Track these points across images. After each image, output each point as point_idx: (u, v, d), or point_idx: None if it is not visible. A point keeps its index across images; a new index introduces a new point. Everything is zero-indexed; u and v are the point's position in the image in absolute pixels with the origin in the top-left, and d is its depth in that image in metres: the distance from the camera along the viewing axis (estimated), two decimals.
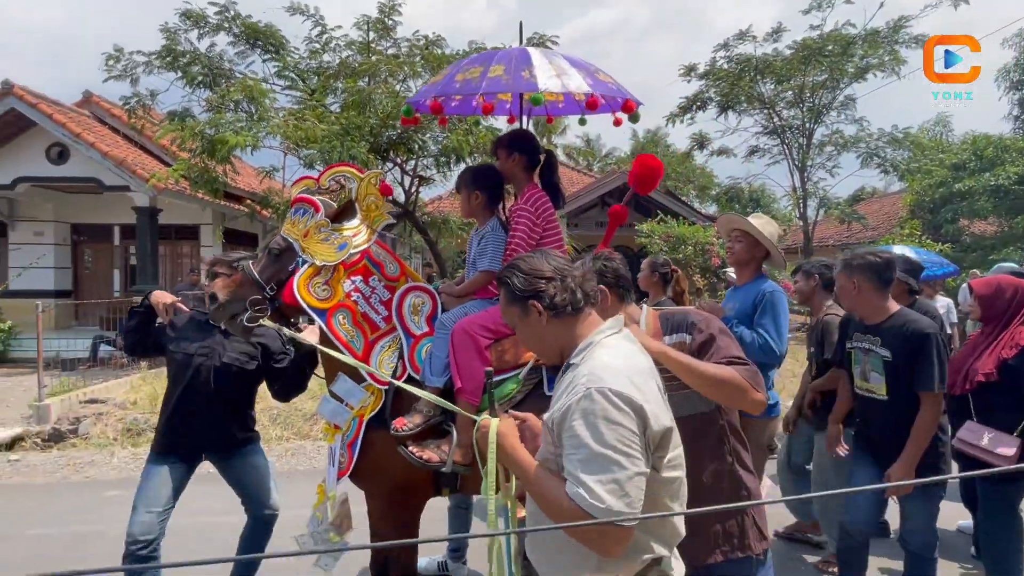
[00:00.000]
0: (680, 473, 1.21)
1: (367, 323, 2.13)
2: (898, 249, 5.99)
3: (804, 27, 12.60)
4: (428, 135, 8.42)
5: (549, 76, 2.18)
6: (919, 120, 19.97)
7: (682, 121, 14.01)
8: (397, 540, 2.17)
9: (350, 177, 2.23)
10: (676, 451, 1.20)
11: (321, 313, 2.07)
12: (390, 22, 8.74)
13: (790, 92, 12.93)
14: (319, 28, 8.58)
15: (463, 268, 3.69)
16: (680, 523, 1.24)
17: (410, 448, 2.00)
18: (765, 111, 13.47)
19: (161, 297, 2.52)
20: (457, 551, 3.09)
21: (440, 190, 11.43)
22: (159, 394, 6.52)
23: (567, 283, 1.25)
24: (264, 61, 8.60)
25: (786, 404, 3.55)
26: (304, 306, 2.06)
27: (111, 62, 8.03)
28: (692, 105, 13.64)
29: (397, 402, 2.08)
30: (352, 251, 2.13)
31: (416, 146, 8.47)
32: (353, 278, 2.14)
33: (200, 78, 8.13)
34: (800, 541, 3.36)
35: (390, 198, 2.44)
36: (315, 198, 2.14)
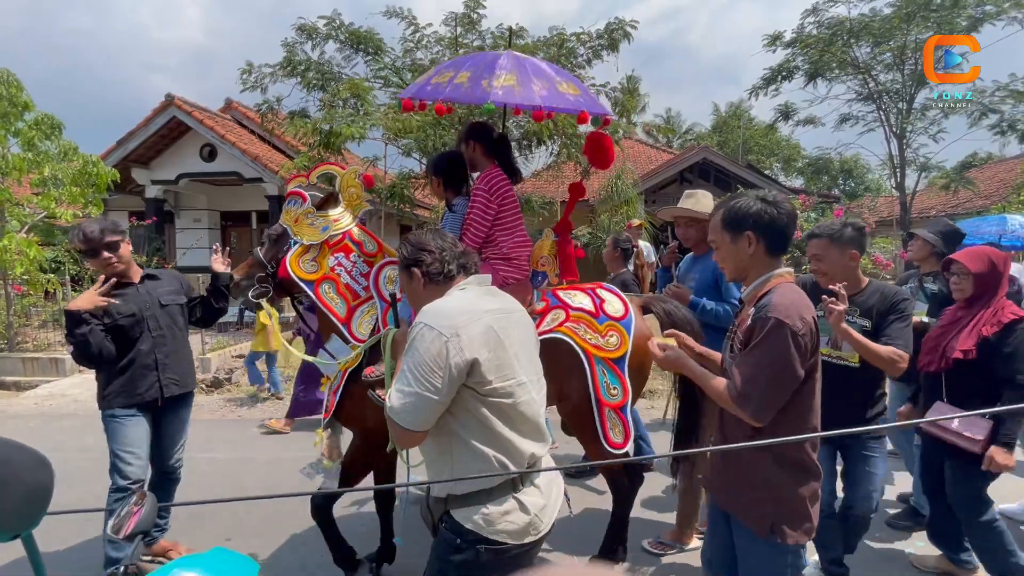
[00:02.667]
0: (511, 401, 1.32)
1: (349, 292, 2.34)
2: (1013, 217, 5.14)
3: None
4: (511, 120, 8.48)
5: (504, 88, 2.19)
6: None
7: (766, 93, 12.87)
8: (361, 471, 2.44)
9: (334, 173, 2.44)
10: (504, 383, 1.30)
11: (309, 284, 2.31)
12: (475, 16, 8.82)
13: (888, 54, 11.38)
14: (412, 28, 8.86)
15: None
16: (525, 443, 1.34)
17: (377, 392, 2.15)
18: (859, 76, 11.98)
19: (84, 302, 2.37)
20: None
21: (523, 172, 11.48)
22: (290, 352, 7.36)
23: (444, 256, 1.45)
24: (366, 62, 9.06)
25: None
26: (295, 278, 2.29)
27: (245, 75, 8.86)
28: (777, 76, 12.45)
29: (372, 357, 2.27)
30: (333, 232, 2.35)
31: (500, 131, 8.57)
32: (336, 255, 2.35)
33: (314, 82, 8.76)
34: None
35: (372, 188, 2.53)
36: (304, 191, 2.38)
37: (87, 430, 4.85)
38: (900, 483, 3.45)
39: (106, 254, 2.45)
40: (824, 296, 2.05)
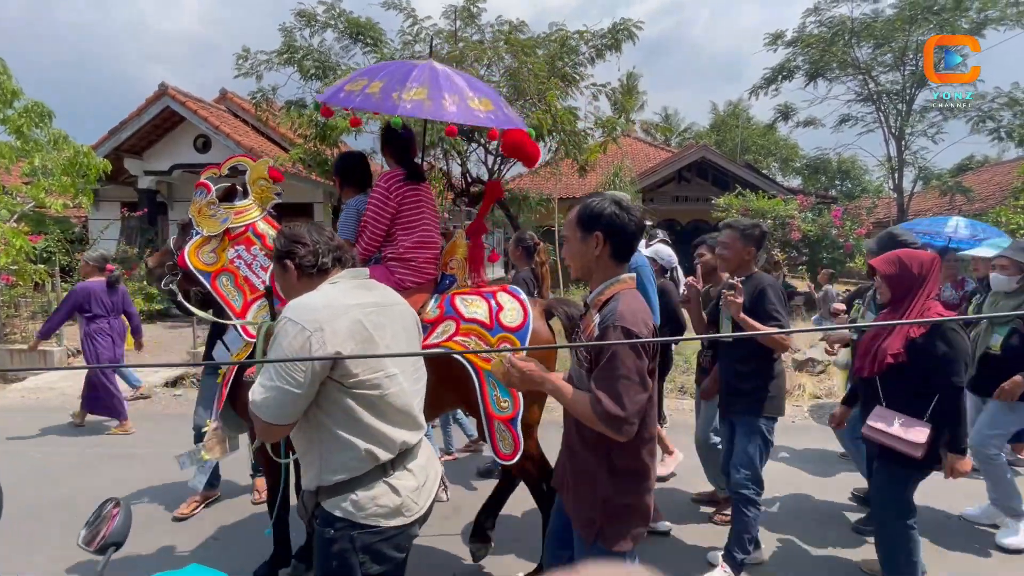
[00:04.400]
0: (378, 392, 1.32)
1: (247, 285, 2.32)
2: (952, 221, 5.22)
3: None
4: None
5: (413, 102, 2.17)
6: None
7: (766, 93, 12.84)
8: (268, 466, 2.45)
9: (245, 165, 2.44)
10: (372, 375, 1.31)
11: (206, 275, 2.30)
12: (475, 9, 8.71)
13: (889, 55, 11.36)
14: (411, 20, 8.74)
15: (541, 241, 3.71)
16: (395, 432, 1.35)
17: None
18: (859, 77, 11.97)
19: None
20: None
21: (520, 168, 11.41)
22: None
23: (318, 249, 1.44)
24: (364, 53, 8.93)
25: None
26: (192, 269, 2.29)
27: (240, 61, 8.72)
28: (778, 75, 12.42)
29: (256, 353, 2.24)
30: (234, 224, 2.34)
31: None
32: (237, 247, 2.34)
33: (312, 71, 8.61)
34: (708, 503, 3.23)
35: (275, 182, 2.57)
36: (212, 183, 2.37)
37: (66, 425, 4.76)
38: (851, 483, 3.48)
39: None
40: (724, 290, 2.37)
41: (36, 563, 2.65)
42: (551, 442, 2.17)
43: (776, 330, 2.34)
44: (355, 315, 1.33)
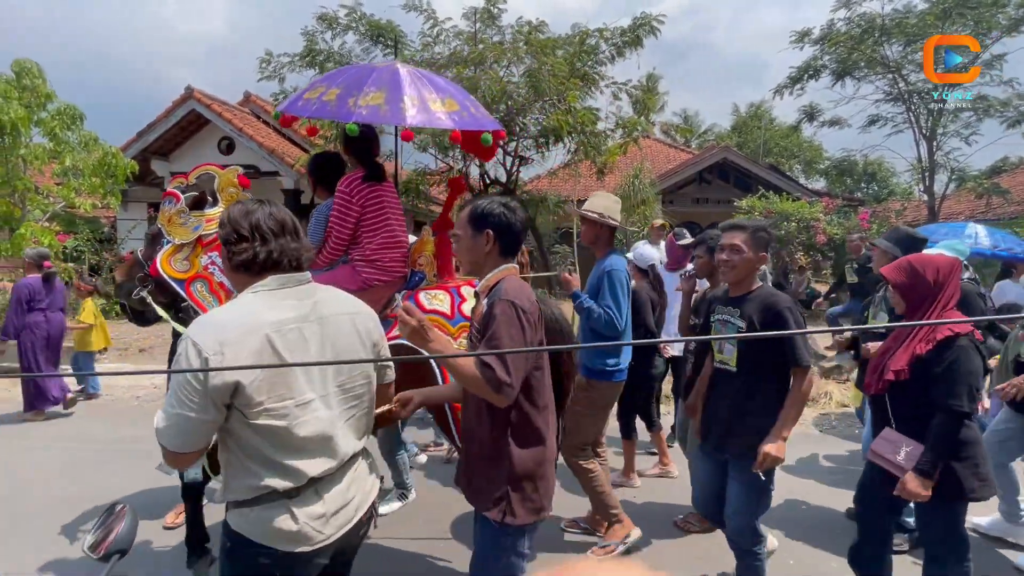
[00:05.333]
0: (285, 423, 1.21)
1: (223, 290, 2.33)
2: (970, 229, 4.89)
3: None
4: (529, 117, 8.32)
5: (370, 107, 2.14)
6: None
7: (791, 92, 12.48)
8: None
9: (213, 174, 2.46)
10: (279, 403, 1.21)
11: (180, 283, 2.32)
12: (495, 11, 8.67)
13: (921, 53, 10.94)
14: (431, 22, 8.74)
15: (560, 243, 3.68)
16: (303, 463, 1.25)
17: None
18: (889, 76, 11.57)
19: None
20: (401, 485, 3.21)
21: (539, 170, 11.32)
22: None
23: (255, 247, 1.27)
24: (384, 55, 8.96)
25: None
26: (165, 278, 2.31)
27: (263, 64, 8.83)
28: (804, 74, 12.07)
29: None
30: (206, 231, 2.36)
31: (517, 128, 8.41)
32: (211, 254, 2.35)
33: None
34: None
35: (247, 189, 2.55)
36: (180, 191, 2.40)
37: (91, 421, 4.84)
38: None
39: None
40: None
41: (41, 562, 2.65)
42: None
43: (776, 333, 2.04)
44: (268, 335, 1.20)
